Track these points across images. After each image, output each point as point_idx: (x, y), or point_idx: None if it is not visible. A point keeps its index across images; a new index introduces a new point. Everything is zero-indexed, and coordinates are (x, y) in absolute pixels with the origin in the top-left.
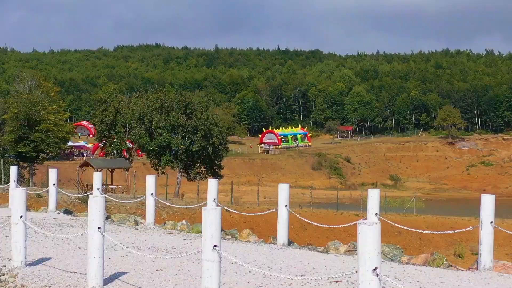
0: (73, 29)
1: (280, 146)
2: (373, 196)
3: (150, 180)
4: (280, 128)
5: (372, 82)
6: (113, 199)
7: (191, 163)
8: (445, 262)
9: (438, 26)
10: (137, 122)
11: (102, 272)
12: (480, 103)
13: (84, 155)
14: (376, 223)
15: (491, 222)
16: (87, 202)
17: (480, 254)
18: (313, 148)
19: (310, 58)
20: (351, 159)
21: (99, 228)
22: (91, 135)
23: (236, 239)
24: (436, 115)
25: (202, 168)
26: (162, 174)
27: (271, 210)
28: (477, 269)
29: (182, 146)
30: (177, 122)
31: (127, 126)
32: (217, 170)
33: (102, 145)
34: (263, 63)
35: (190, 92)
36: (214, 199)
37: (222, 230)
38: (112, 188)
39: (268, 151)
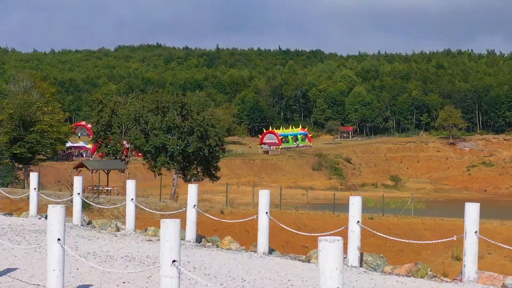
0: (74, 29)
1: (280, 146)
2: (355, 204)
3: (130, 185)
4: (281, 128)
5: (373, 82)
6: (92, 203)
7: (187, 164)
8: (429, 272)
9: (440, 26)
10: (132, 123)
11: (62, 286)
12: (481, 103)
13: (84, 155)
14: (338, 240)
15: (476, 232)
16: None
17: (464, 265)
18: (314, 149)
19: (311, 58)
20: (352, 160)
21: (59, 239)
22: (91, 136)
23: (217, 246)
24: (437, 116)
25: (199, 169)
26: (158, 175)
27: (252, 217)
28: (461, 281)
29: (177, 147)
30: (173, 123)
31: (123, 127)
32: (213, 172)
33: (98, 146)
34: (264, 63)
35: (191, 92)
36: (194, 205)
37: (203, 237)
38: (107, 189)
39: (268, 151)
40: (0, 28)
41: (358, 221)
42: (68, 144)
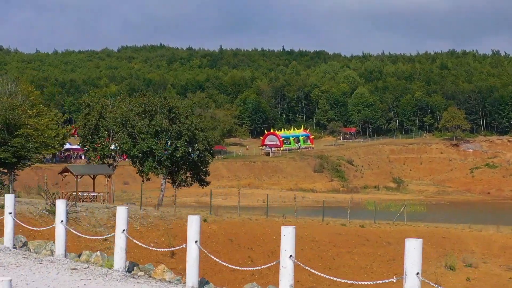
0: (78, 30)
1: (282, 148)
2: (287, 235)
3: (60, 206)
4: (282, 130)
5: (376, 83)
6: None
7: (176, 169)
8: None
9: (445, 26)
10: (119, 127)
11: None
12: (485, 104)
13: (83, 157)
14: None
15: (417, 274)
16: (54, 213)
17: None
18: (316, 150)
19: (314, 58)
20: (354, 161)
21: None
22: None
23: (150, 276)
24: (440, 117)
25: (188, 175)
26: (147, 180)
27: (181, 246)
28: None
29: (165, 151)
30: (160, 127)
31: (111, 131)
32: (203, 177)
33: (85, 150)
34: (267, 63)
35: (192, 94)
36: (123, 230)
37: (136, 264)
38: (93, 196)
39: (269, 153)
40: (3, 28)
41: (290, 256)
42: (67, 146)
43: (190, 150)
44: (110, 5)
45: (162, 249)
